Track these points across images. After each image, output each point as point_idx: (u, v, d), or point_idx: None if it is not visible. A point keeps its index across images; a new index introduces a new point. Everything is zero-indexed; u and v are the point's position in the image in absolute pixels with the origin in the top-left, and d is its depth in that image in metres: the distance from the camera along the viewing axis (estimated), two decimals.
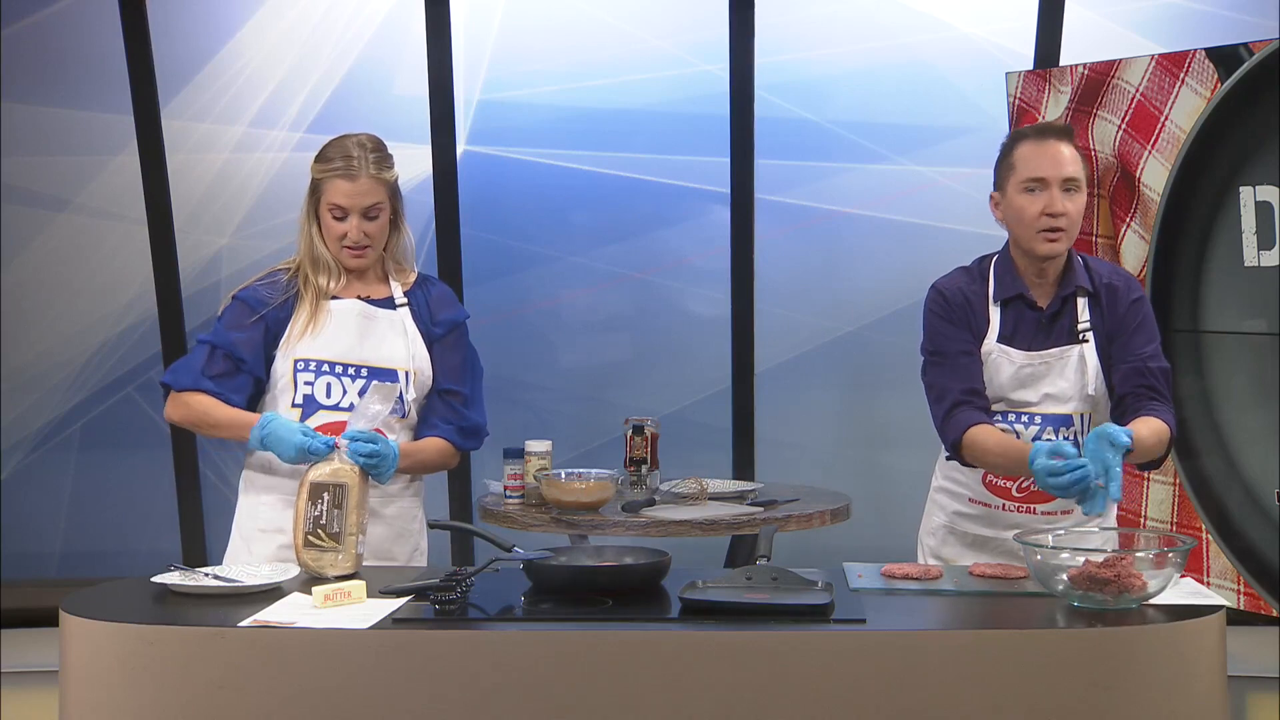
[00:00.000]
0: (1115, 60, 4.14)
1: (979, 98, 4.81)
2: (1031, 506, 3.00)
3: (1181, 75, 3.96)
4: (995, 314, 2.99)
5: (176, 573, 2.66)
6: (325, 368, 2.95)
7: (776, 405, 5.05)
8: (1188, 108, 3.96)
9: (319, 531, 2.72)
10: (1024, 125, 4.33)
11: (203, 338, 3.00)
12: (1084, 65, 4.19)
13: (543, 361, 5.14)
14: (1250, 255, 3.88)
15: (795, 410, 5.07)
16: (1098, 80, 4.14)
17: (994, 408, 2.99)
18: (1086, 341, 2.95)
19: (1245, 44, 3.88)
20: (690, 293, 5.11)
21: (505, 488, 4.05)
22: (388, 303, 3.04)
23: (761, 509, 3.94)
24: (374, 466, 2.76)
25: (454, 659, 2.31)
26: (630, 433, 4.19)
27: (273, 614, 2.41)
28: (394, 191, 3.04)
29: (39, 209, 4.96)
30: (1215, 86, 3.90)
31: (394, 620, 2.38)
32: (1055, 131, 2.97)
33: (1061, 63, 4.68)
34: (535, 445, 4.07)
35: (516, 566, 2.58)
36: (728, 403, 5.06)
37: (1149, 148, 4.05)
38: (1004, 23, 4.89)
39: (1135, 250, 4.13)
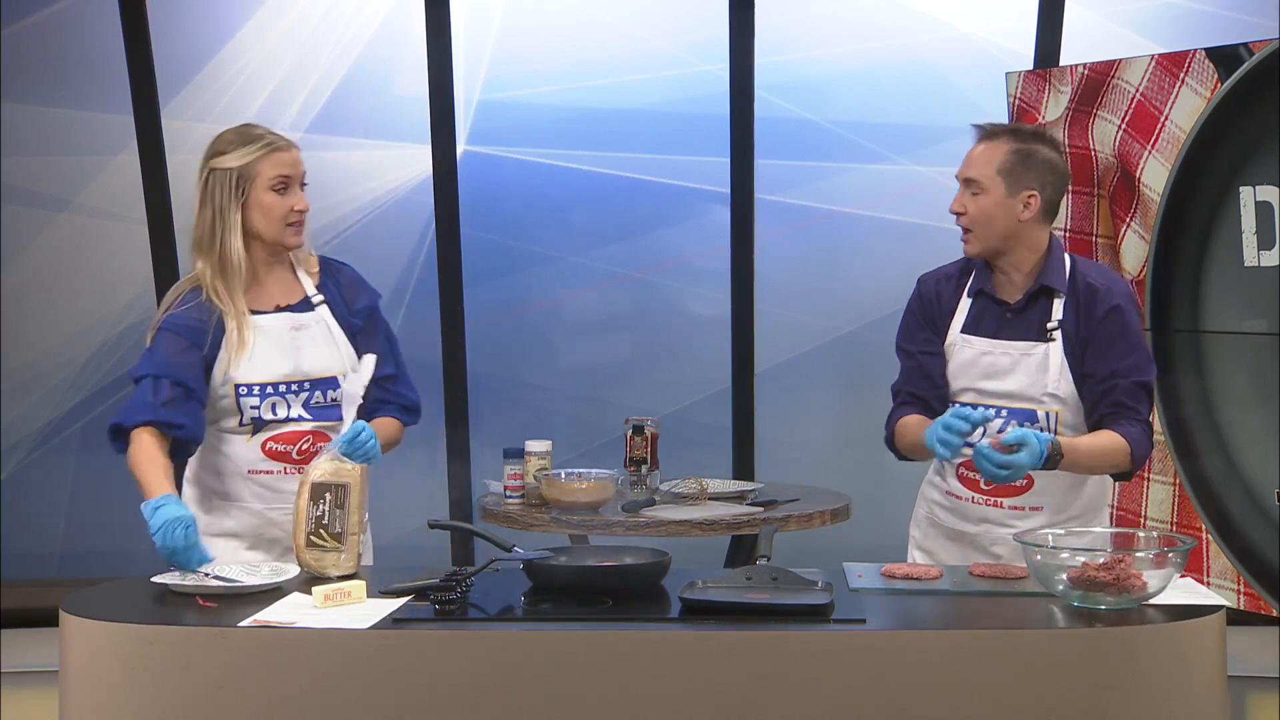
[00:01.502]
0: (1115, 60, 4.14)
1: (979, 98, 4.80)
2: (998, 500, 3.00)
3: (1181, 75, 3.96)
4: (965, 305, 3.03)
5: (176, 573, 2.66)
6: (269, 389, 2.92)
7: (776, 405, 5.05)
8: (1188, 108, 3.96)
9: (321, 531, 2.71)
10: (1023, 125, 4.34)
11: (140, 373, 2.88)
12: (1084, 65, 4.19)
13: (543, 361, 5.15)
14: (1250, 255, 3.88)
15: (795, 410, 5.07)
16: (1098, 80, 4.15)
17: (963, 398, 3.00)
18: (1053, 340, 2.95)
19: (1245, 44, 3.88)
20: (690, 293, 5.11)
21: (505, 488, 4.05)
22: (305, 304, 2.99)
23: (761, 509, 3.94)
24: (373, 450, 2.77)
25: (454, 659, 2.31)
26: (630, 433, 4.19)
27: (273, 614, 2.41)
28: None
29: (39, 209, 4.96)
30: (1215, 86, 3.90)
31: (394, 620, 2.38)
32: (988, 133, 2.99)
33: (1061, 63, 4.68)
34: (535, 445, 4.07)
35: (516, 566, 2.58)
36: (728, 403, 5.06)
37: (1149, 148, 4.05)
38: (1004, 23, 4.89)
39: (1135, 250, 4.13)
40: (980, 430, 2.80)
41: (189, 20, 4.92)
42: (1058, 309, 2.96)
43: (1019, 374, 2.95)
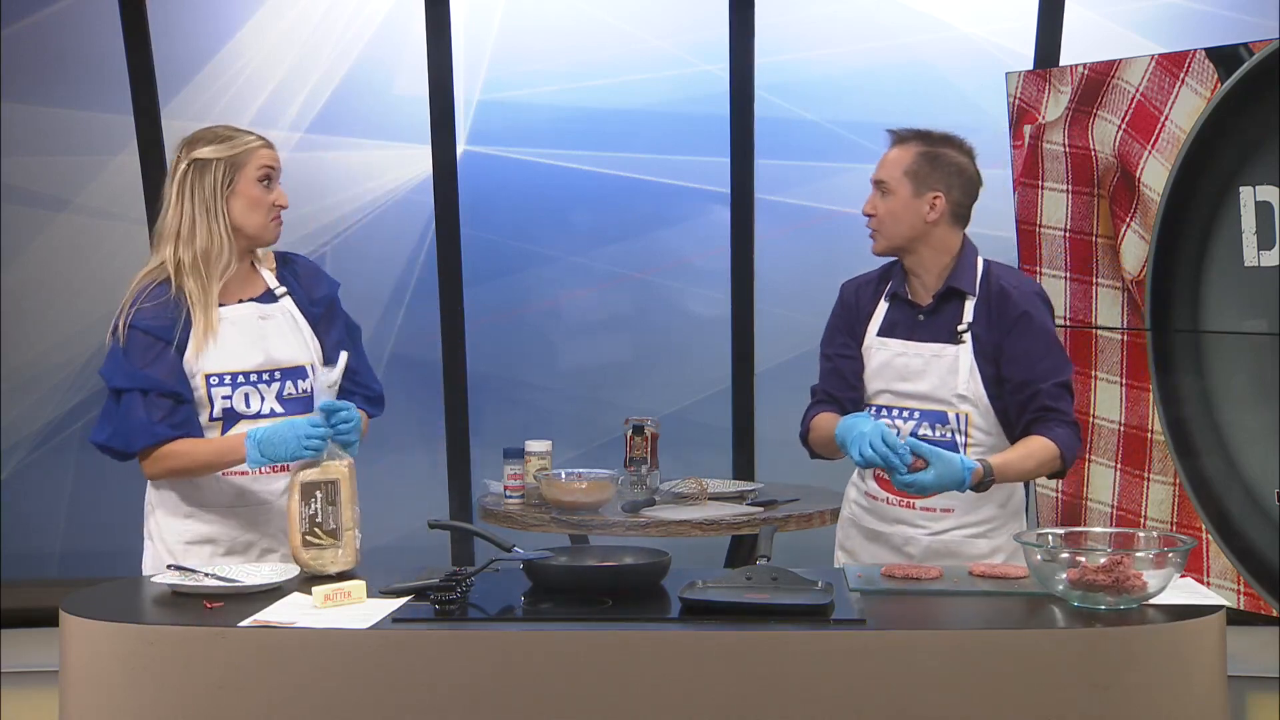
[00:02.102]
0: (1115, 60, 4.14)
1: (979, 98, 4.81)
2: (910, 502, 3.02)
3: (1181, 75, 3.96)
4: (882, 309, 3.08)
5: (176, 573, 2.66)
6: (240, 379, 2.90)
7: (776, 405, 5.05)
8: (1188, 108, 3.96)
9: (315, 530, 2.72)
10: (1023, 125, 4.34)
11: (121, 385, 2.85)
12: (1084, 65, 4.19)
13: (543, 361, 5.15)
14: (1250, 255, 3.88)
15: (795, 410, 5.04)
16: (1098, 80, 4.14)
17: (879, 400, 3.05)
18: (963, 343, 2.98)
19: (1245, 44, 3.88)
20: (690, 293, 5.11)
21: (505, 488, 4.05)
22: (268, 296, 2.98)
23: (761, 509, 3.94)
24: (352, 432, 2.77)
25: (454, 659, 2.31)
26: (630, 433, 4.19)
27: (273, 614, 2.41)
28: None
29: (39, 209, 4.96)
30: (1215, 86, 3.90)
31: (394, 620, 2.38)
32: (894, 137, 3.08)
33: (1061, 63, 4.68)
34: (535, 445, 4.07)
35: (516, 566, 2.58)
36: (728, 403, 5.05)
37: (1149, 148, 4.05)
38: (1004, 23, 4.90)
39: (1135, 250, 4.13)
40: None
41: (189, 20, 4.92)
42: (968, 311, 3.00)
43: (930, 376, 2.99)
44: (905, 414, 3.00)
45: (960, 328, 2.98)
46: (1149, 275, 4.11)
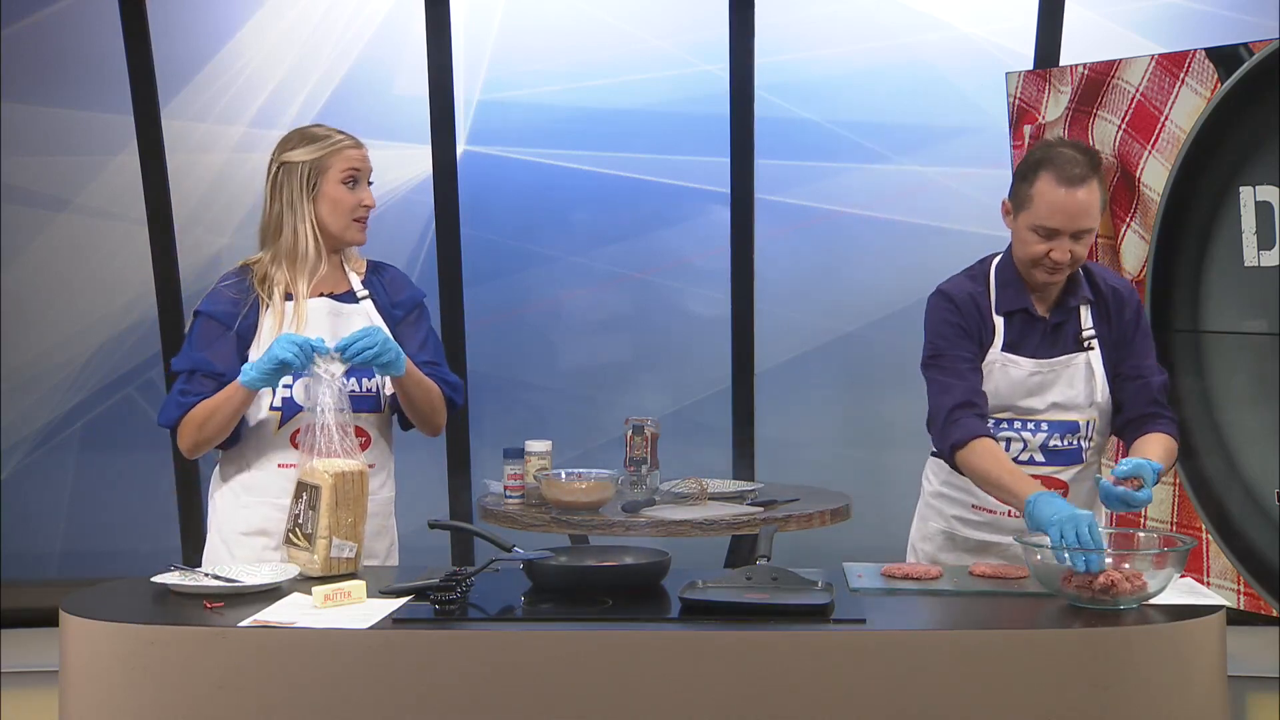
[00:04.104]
0: (1115, 60, 4.14)
1: (979, 98, 4.81)
2: None
3: (1181, 75, 3.96)
4: (1000, 323, 2.99)
5: (176, 573, 2.66)
6: (304, 370, 2.93)
7: (776, 405, 5.05)
8: (1188, 108, 3.96)
9: (296, 530, 2.73)
10: (1023, 125, 4.33)
11: (177, 367, 2.96)
12: (1084, 65, 4.19)
13: (543, 361, 5.15)
14: (1250, 255, 3.88)
15: (795, 410, 5.07)
16: (1098, 80, 4.15)
17: (1000, 415, 2.98)
18: (1092, 349, 2.97)
19: (1245, 44, 3.88)
20: (690, 293, 5.11)
21: (505, 488, 4.05)
22: (349, 296, 3.02)
23: (761, 509, 3.94)
24: (375, 355, 2.80)
25: (454, 659, 2.31)
26: (630, 433, 4.18)
27: (273, 614, 2.42)
28: None
29: (39, 209, 4.96)
30: (1215, 86, 3.90)
31: (394, 620, 2.38)
32: (1081, 175, 2.84)
33: (1061, 63, 4.68)
34: (535, 445, 4.07)
35: (516, 566, 2.58)
36: (728, 403, 5.05)
37: (1149, 148, 4.05)
38: (1004, 23, 4.90)
39: (1135, 250, 4.13)
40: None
41: (189, 20, 4.92)
42: (1085, 316, 2.99)
43: (1062, 386, 2.97)
44: (1033, 426, 2.96)
45: (1086, 334, 2.97)
46: (1149, 275, 4.11)
